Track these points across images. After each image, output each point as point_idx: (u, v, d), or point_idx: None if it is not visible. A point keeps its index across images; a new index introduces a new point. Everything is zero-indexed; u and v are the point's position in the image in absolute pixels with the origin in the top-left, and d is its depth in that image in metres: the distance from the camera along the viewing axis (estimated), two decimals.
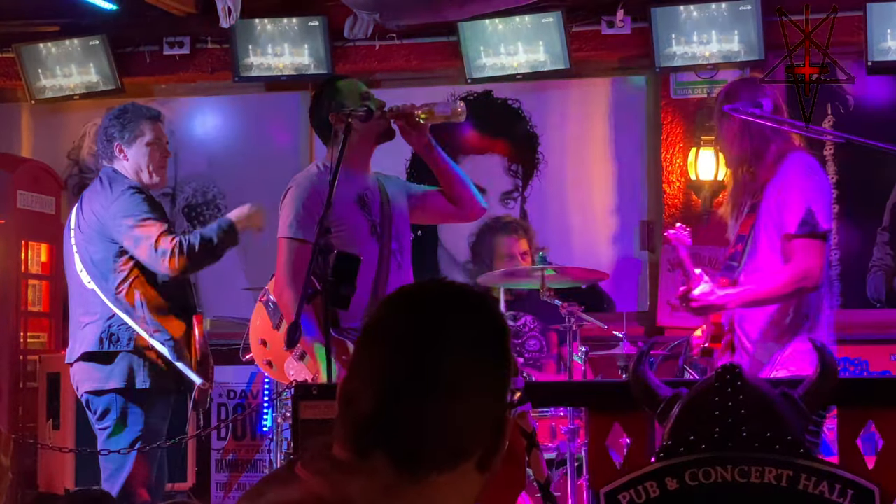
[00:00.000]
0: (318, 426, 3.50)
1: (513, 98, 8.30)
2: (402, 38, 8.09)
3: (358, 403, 1.80)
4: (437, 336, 1.80)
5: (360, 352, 1.85)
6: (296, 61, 8.15)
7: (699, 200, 7.84)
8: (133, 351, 5.39)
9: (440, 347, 1.80)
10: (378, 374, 1.80)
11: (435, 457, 1.77)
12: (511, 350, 1.87)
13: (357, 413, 1.80)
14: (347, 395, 1.82)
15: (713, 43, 7.60)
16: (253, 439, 7.97)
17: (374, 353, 1.83)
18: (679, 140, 7.92)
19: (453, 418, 1.78)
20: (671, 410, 3.16)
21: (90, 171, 8.40)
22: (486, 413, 1.81)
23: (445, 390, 1.78)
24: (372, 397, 1.79)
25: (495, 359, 1.84)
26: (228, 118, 8.66)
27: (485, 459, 1.81)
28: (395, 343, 1.82)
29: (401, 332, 1.82)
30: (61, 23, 8.44)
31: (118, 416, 5.40)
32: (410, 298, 1.89)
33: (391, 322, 1.85)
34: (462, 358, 1.80)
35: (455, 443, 1.78)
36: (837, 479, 3.05)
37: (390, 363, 1.80)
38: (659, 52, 7.66)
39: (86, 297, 5.50)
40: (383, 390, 1.79)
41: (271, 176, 8.50)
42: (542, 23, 7.79)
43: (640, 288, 8.04)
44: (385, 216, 5.04)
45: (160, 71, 8.52)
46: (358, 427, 1.80)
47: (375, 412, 1.78)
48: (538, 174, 8.25)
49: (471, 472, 1.80)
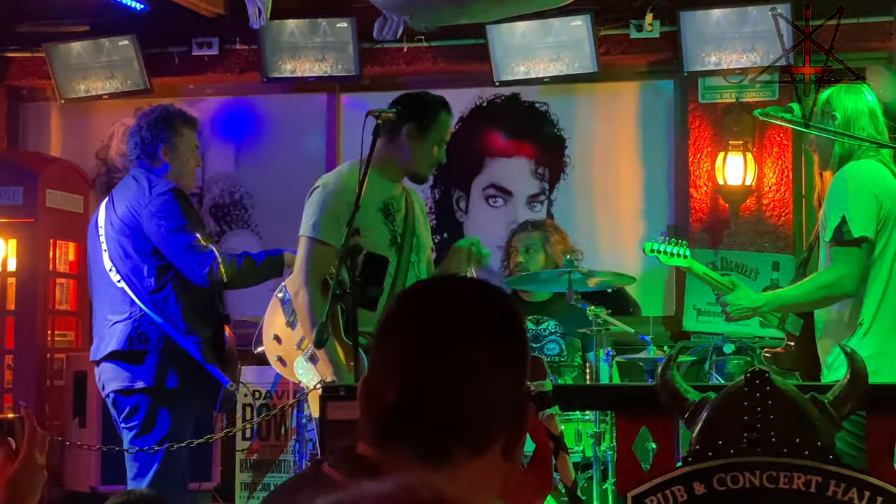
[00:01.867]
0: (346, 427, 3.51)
1: (540, 101, 8.29)
2: (430, 41, 8.09)
3: (380, 398, 1.81)
4: (454, 328, 1.82)
5: (379, 347, 1.87)
6: (324, 63, 8.16)
7: (726, 205, 7.82)
8: (162, 350, 5.39)
9: (458, 339, 1.82)
10: (397, 369, 1.82)
11: (460, 446, 1.79)
12: (527, 339, 1.91)
13: (379, 408, 1.81)
14: (368, 391, 1.84)
15: (742, 47, 7.57)
16: (278, 439, 7.98)
17: (394, 348, 1.85)
18: (707, 144, 7.90)
19: (475, 408, 1.80)
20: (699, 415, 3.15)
21: (118, 171, 8.42)
22: (506, 401, 1.83)
23: (466, 381, 1.80)
24: (392, 391, 1.81)
25: (511, 348, 1.86)
26: (256, 119, 8.67)
27: (508, 447, 1.83)
28: (413, 337, 1.83)
29: (419, 325, 1.84)
30: (91, 23, 8.47)
31: (146, 415, 5.40)
32: (427, 292, 1.92)
33: (409, 316, 1.87)
34: (481, 348, 1.82)
35: (478, 431, 1.80)
36: (867, 485, 3.04)
37: (408, 357, 1.82)
38: (687, 57, 7.64)
39: (114, 296, 5.50)
40: (403, 384, 1.80)
41: (298, 177, 8.51)
42: (571, 26, 7.78)
43: (667, 292, 8.02)
44: (408, 228, 5.04)
45: (189, 71, 8.54)
46: (381, 422, 1.81)
47: (396, 406, 1.80)
48: (565, 177, 8.24)
49: (496, 460, 1.82)
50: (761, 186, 7.78)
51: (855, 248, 4.44)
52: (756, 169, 7.72)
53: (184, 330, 5.39)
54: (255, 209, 8.64)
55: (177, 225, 5.38)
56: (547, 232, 6.66)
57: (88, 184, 8.45)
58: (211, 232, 8.49)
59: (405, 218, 5.06)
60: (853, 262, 4.44)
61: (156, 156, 5.57)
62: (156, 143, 5.56)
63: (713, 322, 7.58)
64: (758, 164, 7.74)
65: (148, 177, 5.53)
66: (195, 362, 5.38)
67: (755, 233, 7.80)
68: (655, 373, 3.44)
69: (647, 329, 6.89)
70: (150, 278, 5.41)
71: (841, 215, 4.43)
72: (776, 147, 7.78)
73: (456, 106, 8.35)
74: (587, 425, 5.86)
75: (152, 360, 5.40)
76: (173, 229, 5.37)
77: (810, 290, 4.54)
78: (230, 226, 8.66)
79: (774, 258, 7.66)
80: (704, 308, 7.64)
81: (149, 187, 5.48)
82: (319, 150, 8.53)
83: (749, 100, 7.74)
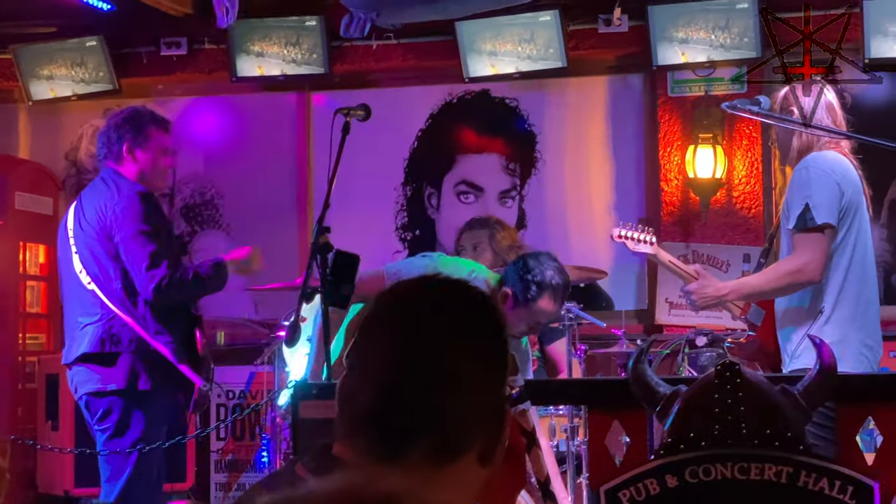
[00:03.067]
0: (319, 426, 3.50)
1: (510, 97, 8.30)
2: (400, 38, 8.09)
3: (357, 400, 1.80)
4: (435, 330, 1.82)
5: (360, 347, 1.86)
6: (293, 61, 8.15)
7: (697, 198, 7.85)
8: (134, 352, 5.37)
9: (438, 341, 1.81)
10: (375, 371, 1.81)
11: (435, 450, 1.78)
12: (506, 342, 1.89)
13: (357, 410, 1.80)
14: (346, 392, 1.83)
15: (710, 41, 7.60)
16: (252, 439, 7.97)
17: (372, 349, 1.84)
18: (677, 138, 7.92)
19: (452, 411, 1.79)
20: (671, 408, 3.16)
21: (88, 172, 8.39)
22: (484, 405, 1.82)
23: (443, 383, 1.79)
24: (370, 394, 1.80)
25: (491, 351, 1.85)
26: (226, 118, 8.65)
27: (486, 452, 1.82)
28: (391, 338, 1.83)
29: (397, 327, 1.84)
30: (58, 24, 8.43)
31: (119, 417, 5.38)
32: (406, 294, 1.90)
33: (388, 318, 1.86)
34: (460, 351, 1.81)
35: (455, 435, 1.79)
36: (837, 475, 3.05)
37: (388, 358, 1.81)
38: (656, 50, 7.66)
39: (84, 298, 5.47)
40: (381, 386, 1.79)
41: (269, 176, 8.52)
42: (540, 21, 7.79)
43: (639, 286, 8.05)
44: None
45: (157, 72, 8.52)
46: (358, 424, 1.80)
47: (374, 408, 1.79)
48: (536, 173, 8.26)
49: (472, 465, 1.81)
50: (731, 179, 7.81)
51: (818, 234, 4.46)
52: (726, 162, 7.75)
53: (155, 331, 5.36)
54: (225, 209, 8.62)
55: (137, 230, 5.34)
56: (493, 229, 6.65)
57: (58, 186, 8.41)
58: (181, 233, 8.48)
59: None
60: (817, 248, 4.46)
61: (121, 156, 5.54)
62: (121, 143, 5.53)
63: (685, 315, 7.60)
64: (727, 157, 7.77)
65: (116, 178, 5.50)
66: (168, 363, 5.36)
67: (726, 225, 7.83)
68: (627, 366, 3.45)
69: (620, 323, 6.90)
70: (118, 280, 5.38)
71: (804, 203, 4.46)
72: (746, 140, 7.81)
73: (426, 103, 8.41)
74: (561, 419, 5.87)
75: (124, 361, 5.37)
76: (134, 234, 5.34)
77: (774, 278, 4.56)
78: (201, 226, 8.64)
79: (745, 250, 7.69)
80: (677, 301, 7.67)
81: (117, 189, 5.45)
82: (290, 148, 8.52)
83: (718, 93, 7.77)
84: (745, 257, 7.64)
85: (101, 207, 5.44)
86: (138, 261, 5.31)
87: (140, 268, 5.30)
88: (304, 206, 8.46)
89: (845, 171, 4.58)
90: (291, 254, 8.19)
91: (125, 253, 5.35)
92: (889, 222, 7.67)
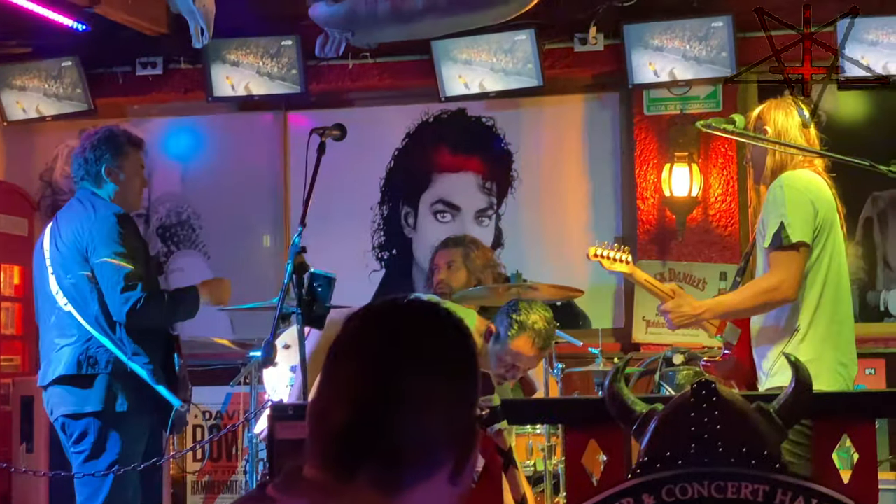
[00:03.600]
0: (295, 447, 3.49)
1: (487, 116, 8.32)
2: (376, 57, 8.10)
3: (328, 420, 1.80)
4: (403, 350, 1.82)
5: (328, 368, 1.86)
6: (269, 81, 8.15)
7: (673, 216, 7.86)
8: (111, 374, 5.34)
9: (407, 361, 1.81)
10: (347, 390, 1.81)
11: (406, 470, 1.78)
12: (477, 362, 1.89)
13: (328, 430, 1.80)
14: (318, 413, 1.83)
15: (685, 59, 7.62)
16: (229, 461, 7.94)
17: (343, 370, 1.84)
18: (653, 156, 7.94)
19: (422, 430, 1.79)
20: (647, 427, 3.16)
21: (63, 193, 8.36)
22: (454, 424, 1.82)
23: (413, 403, 1.79)
24: (342, 413, 1.80)
25: (462, 371, 1.86)
26: (202, 138, 8.64)
27: (456, 470, 1.82)
28: (362, 359, 1.83)
29: (368, 347, 1.84)
30: (33, 44, 8.41)
31: (96, 439, 5.35)
32: (377, 314, 1.90)
33: (358, 338, 1.86)
34: (429, 371, 1.82)
35: (425, 454, 1.79)
36: (814, 493, 3.05)
37: (359, 379, 1.81)
38: (631, 69, 7.68)
39: (61, 319, 5.44)
40: (353, 406, 1.79)
41: (245, 196, 8.51)
42: (515, 40, 7.81)
43: (616, 304, 8.06)
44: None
45: (133, 92, 8.51)
46: (329, 444, 1.80)
47: (346, 428, 1.79)
48: (513, 191, 8.27)
49: (443, 485, 1.81)
50: (707, 197, 7.83)
51: (793, 252, 4.48)
52: (702, 180, 7.77)
53: (132, 352, 5.34)
54: (202, 229, 8.60)
55: (113, 251, 5.33)
56: (468, 248, 6.65)
57: (33, 206, 8.38)
58: (157, 254, 8.46)
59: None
60: (792, 266, 4.48)
61: (100, 176, 5.52)
62: (99, 164, 5.51)
63: (663, 334, 7.62)
64: (703, 175, 7.79)
65: (93, 199, 5.49)
66: (145, 384, 5.33)
67: (702, 243, 7.85)
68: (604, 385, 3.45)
69: (597, 341, 6.91)
70: (94, 302, 5.36)
71: (779, 221, 4.47)
72: (721, 158, 7.84)
73: (402, 122, 8.41)
74: (538, 439, 5.87)
75: (101, 383, 5.34)
76: (109, 255, 5.33)
77: (750, 296, 4.58)
78: (178, 246, 8.62)
79: (721, 268, 7.71)
80: (654, 319, 7.68)
81: (93, 210, 5.43)
82: (267, 168, 8.51)
83: (693, 112, 7.80)
84: (722, 275, 7.66)
85: (78, 228, 5.41)
86: (113, 282, 5.29)
87: (115, 289, 5.28)
88: (280, 226, 8.44)
89: (819, 189, 4.60)
90: (268, 274, 8.17)
91: (100, 273, 5.33)
92: (863, 240, 7.70)
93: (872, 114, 7.80)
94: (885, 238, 7.70)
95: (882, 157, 4.69)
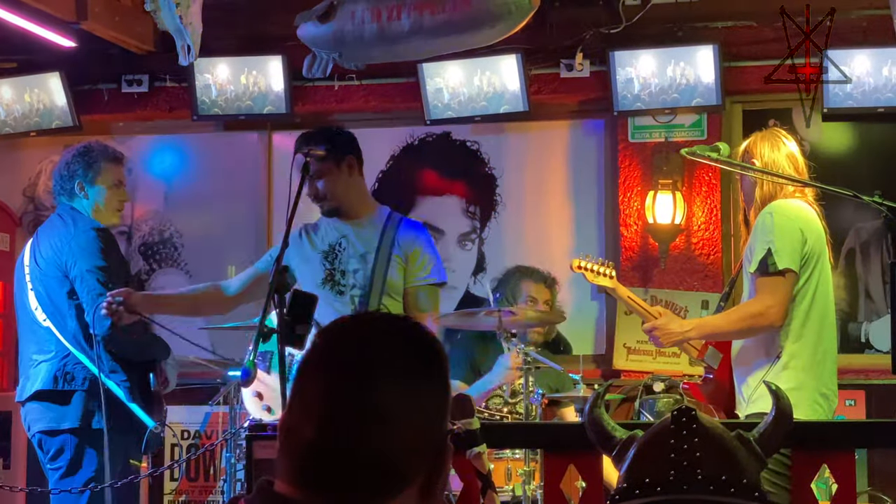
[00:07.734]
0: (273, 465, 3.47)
1: (472, 140, 8.32)
2: (362, 79, 8.10)
3: (298, 435, 1.80)
4: (373, 365, 1.82)
5: (299, 384, 1.86)
6: (254, 100, 8.14)
7: (656, 244, 7.87)
8: (88, 390, 5.32)
9: (376, 376, 1.81)
10: (317, 405, 1.81)
11: (376, 484, 1.78)
12: (448, 378, 1.89)
13: (298, 445, 1.80)
14: (288, 428, 1.82)
15: (671, 87, 7.65)
16: (206, 481, 7.90)
17: (313, 385, 1.83)
18: (637, 183, 7.96)
19: (392, 445, 1.78)
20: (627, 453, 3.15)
21: (45, 209, 8.34)
22: (425, 439, 1.82)
23: (383, 418, 1.79)
24: (311, 429, 1.79)
25: (432, 386, 1.86)
26: (186, 157, 8.63)
27: (427, 486, 1.82)
28: (332, 374, 1.82)
29: (338, 362, 1.83)
30: (18, 59, 8.39)
31: (72, 455, 5.33)
32: (346, 329, 1.90)
33: (328, 353, 1.86)
34: (399, 386, 1.81)
35: (395, 469, 1.79)
36: None
37: (328, 394, 1.81)
38: (617, 96, 7.70)
39: (40, 335, 5.43)
40: (322, 421, 1.79)
41: (229, 216, 8.49)
42: (502, 65, 7.82)
43: (597, 331, 8.05)
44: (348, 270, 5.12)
45: (118, 109, 8.49)
46: (299, 459, 1.79)
47: (315, 443, 1.78)
48: (496, 216, 8.27)
49: (413, 500, 1.80)
50: (690, 225, 7.84)
51: (780, 279, 4.49)
52: (685, 208, 7.78)
53: (109, 369, 5.33)
54: (184, 248, 8.58)
55: (93, 266, 5.32)
56: (544, 279, 6.70)
57: (15, 222, 8.35)
58: (139, 271, 8.43)
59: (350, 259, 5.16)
60: (778, 292, 4.49)
61: (73, 191, 5.53)
62: (73, 179, 5.53)
63: (643, 361, 7.62)
64: (687, 203, 7.80)
65: (73, 214, 5.49)
66: (121, 402, 5.32)
67: (685, 271, 7.86)
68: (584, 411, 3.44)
69: (578, 367, 6.90)
70: (73, 318, 5.34)
71: (767, 247, 4.49)
72: (705, 186, 7.85)
73: (387, 144, 8.41)
74: (517, 464, 5.85)
75: (78, 400, 5.33)
76: (89, 270, 5.32)
77: (737, 319, 4.59)
78: (159, 264, 8.59)
79: (703, 296, 7.72)
80: (635, 346, 7.68)
81: (73, 225, 5.44)
82: (251, 188, 8.49)
83: (678, 139, 7.82)
84: (704, 304, 7.67)
85: (57, 244, 5.41)
86: (93, 298, 5.28)
87: (95, 305, 5.27)
88: (264, 246, 8.43)
89: (809, 219, 4.62)
90: None
91: (80, 288, 5.33)
92: (846, 271, 7.71)
93: (856, 145, 7.83)
94: (868, 269, 7.72)
95: (865, 187, 4.71)
